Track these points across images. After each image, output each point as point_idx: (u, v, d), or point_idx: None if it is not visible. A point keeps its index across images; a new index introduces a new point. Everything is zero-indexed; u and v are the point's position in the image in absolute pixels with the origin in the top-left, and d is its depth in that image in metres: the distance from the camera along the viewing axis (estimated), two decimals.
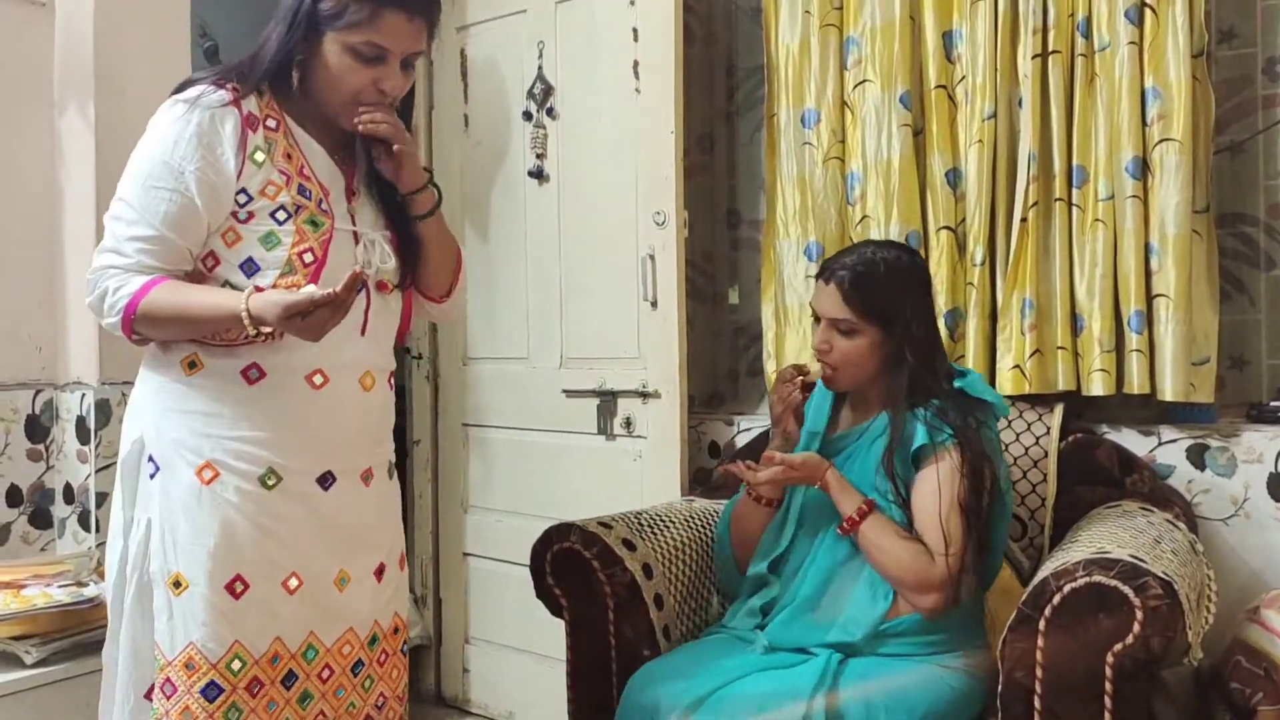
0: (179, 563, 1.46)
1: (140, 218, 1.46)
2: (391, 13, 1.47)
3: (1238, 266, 2.26)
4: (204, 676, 1.44)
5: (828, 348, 1.85)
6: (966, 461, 1.76)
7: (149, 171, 1.46)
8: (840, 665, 1.71)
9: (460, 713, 3.14)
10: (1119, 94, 2.16)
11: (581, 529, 2.03)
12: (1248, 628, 1.90)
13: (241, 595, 1.47)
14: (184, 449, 1.48)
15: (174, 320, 1.45)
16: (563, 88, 2.88)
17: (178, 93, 1.52)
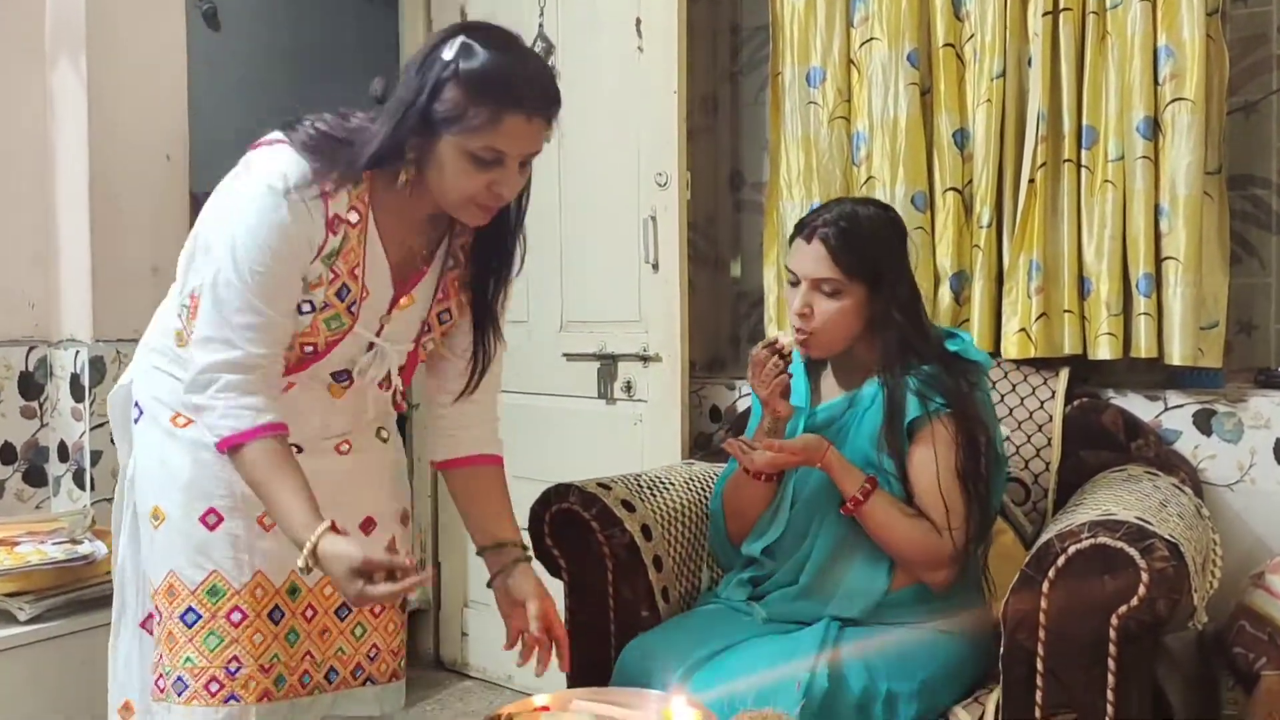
0: (156, 496, 1.50)
1: (246, 301, 1.37)
2: (512, 115, 1.35)
3: (1248, 229, 2.23)
4: (183, 602, 1.47)
5: (809, 311, 1.74)
6: (961, 429, 1.72)
7: (246, 250, 1.36)
8: (839, 632, 1.69)
9: (459, 676, 3.14)
10: (1131, 52, 2.12)
11: (580, 490, 2.01)
12: (1252, 593, 1.89)
13: (216, 527, 1.49)
14: (160, 403, 1.53)
15: (256, 483, 1.40)
16: (564, 46, 2.83)
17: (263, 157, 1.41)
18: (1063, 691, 1.51)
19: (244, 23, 3.58)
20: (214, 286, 1.38)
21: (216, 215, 1.42)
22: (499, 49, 1.36)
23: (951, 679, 1.71)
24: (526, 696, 1.55)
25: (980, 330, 2.29)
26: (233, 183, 1.42)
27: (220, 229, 1.39)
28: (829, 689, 1.55)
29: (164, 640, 1.48)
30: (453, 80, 1.33)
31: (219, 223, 1.40)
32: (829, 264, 1.72)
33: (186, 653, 1.46)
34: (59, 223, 2.59)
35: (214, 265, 1.38)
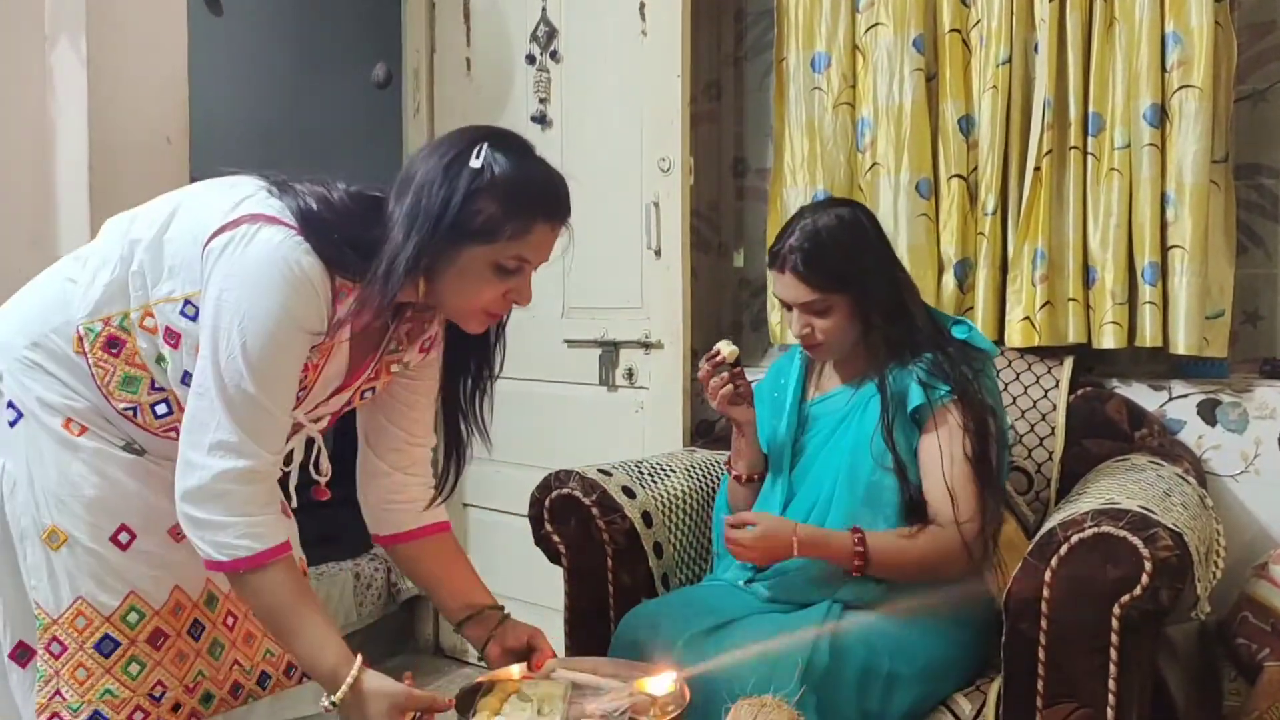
0: (53, 515, 1.34)
1: (260, 405, 1.27)
2: (541, 225, 1.34)
3: (1254, 218, 2.21)
4: (97, 630, 1.35)
5: (810, 330, 1.79)
6: (968, 415, 1.71)
7: (263, 351, 1.26)
8: (842, 612, 1.69)
9: (458, 663, 3.14)
10: (1138, 39, 2.11)
11: (581, 476, 2.01)
12: (1256, 584, 1.88)
13: (129, 546, 1.37)
14: (47, 408, 1.36)
15: (270, 612, 1.29)
16: (567, 31, 2.82)
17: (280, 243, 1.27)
18: (1064, 681, 1.50)
19: (245, 6, 3.56)
20: (225, 388, 1.25)
21: (230, 301, 1.26)
22: (524, 158, 1.33)
23: (954, 665, 1.70)
24: None
25: (984, 318, 2.28)
26: (250, 268, 1.26)
27: (234, 320, 1.25)
28: (829, 664, 1.55)
29: (69, 674, 1.33)
30: (486, 191, 1.28)
31: (233, 313, 1.25)
32: (805, 289, 1.77)
33: (104, 685, 1.34)
34: (58, 205, 2.57)
35: (229, 363, 1.25)
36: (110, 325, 1.35)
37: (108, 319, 1.35)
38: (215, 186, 1.37)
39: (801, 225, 1.78)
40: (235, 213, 1.29)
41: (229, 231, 1.27)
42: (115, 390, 1.36)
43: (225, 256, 1.26)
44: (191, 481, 1.26)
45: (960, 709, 1.66)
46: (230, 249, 1.26)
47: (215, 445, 1.25)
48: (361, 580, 3.05)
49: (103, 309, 1.35)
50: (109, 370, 1.36)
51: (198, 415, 1.27)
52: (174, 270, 1.32)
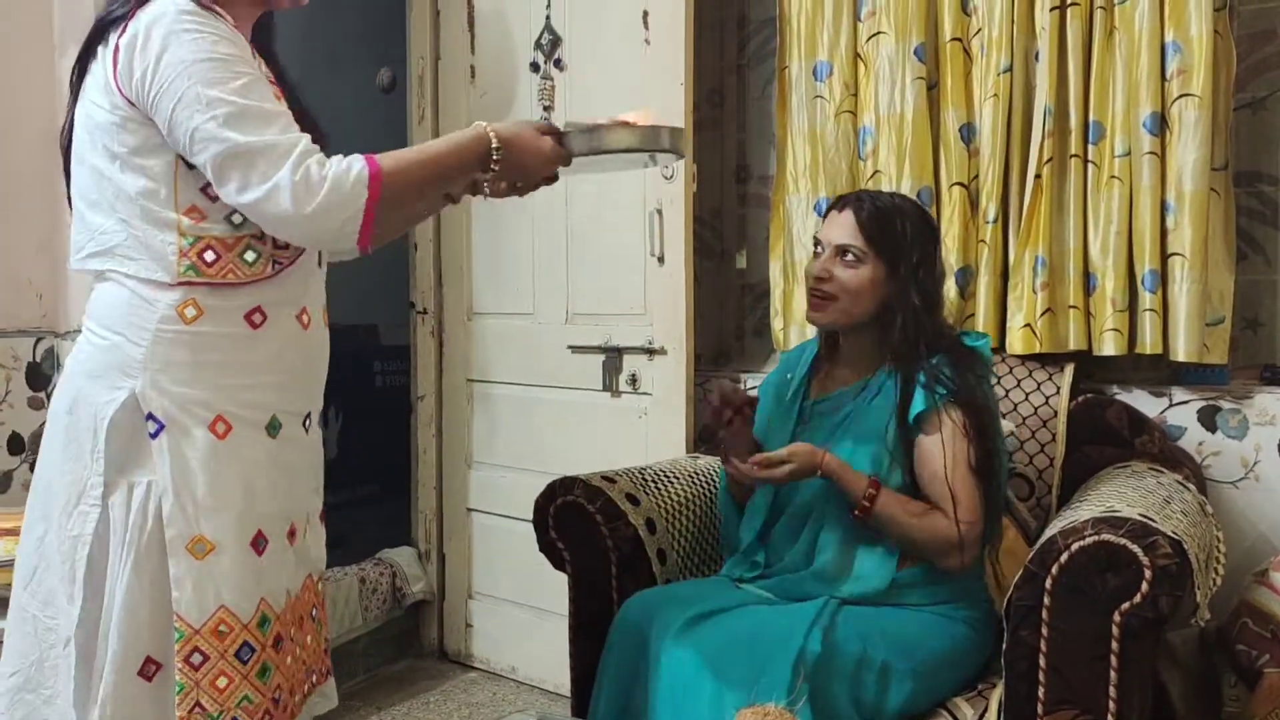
0: (201, 525, 1.36)
1: (268, 112, 1.31)
2: None
3: (1254, 226, 2.22)
4: (237, 639, 1.37)
5: (828, 275, 1.81)
6: (970, 418, 1.74)
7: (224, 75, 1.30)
8: (838, 607, 1.71)
9: (463, 667, 3.15)
10: (1138, 48, 2.12)
11: (585, 483, 2.02)
12: (1255, 590, 1.89)
13: (264, 552, 1.41)
14: (193, 404, 1.37)
15: (418, 170, 1.34)
16: (571, 39, 2.83)
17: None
18: (1065, 687, 1.51)
19: None
20: (226, 117, 1.28)
21: (171, 75, 1.29)
22: None
23: (950, 665, 1.72)
24: (532, 690, 1.56)
25: (985, 325, 2.29)
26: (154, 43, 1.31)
27: (188, 78, 1.29)
28: (821, 654, 1.57)
29: (209, 684, 1.35)
30: None
31: (181, 77, 1.29)
32: (855, 231, 1.80)
33: (243, 692, 1.37)
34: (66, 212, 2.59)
35: (214, 106, 1.28)
36: (188, 254, 1.36)
37: (183, 251, 1.36)
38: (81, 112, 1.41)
39: (880, 192, 1.88)
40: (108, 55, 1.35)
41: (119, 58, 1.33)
42: (245, 269, 1.39)
43: (136, 55, 1.31)
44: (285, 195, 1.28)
45: (962, 714, 1.67)
46: (134, 49, 1.31)
47: (272, 159, 1.28)
48: (367, 585, 3.06)
49: (169, 251, 1.36)
50: (228, 265, 1.38)
51: (227, 170, 1.29)
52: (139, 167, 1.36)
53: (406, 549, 3.26)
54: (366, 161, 1.31)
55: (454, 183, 1.42)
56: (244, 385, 1.41)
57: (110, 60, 1.34)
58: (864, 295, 1.80)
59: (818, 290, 1.82)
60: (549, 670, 2.89)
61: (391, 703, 2.88)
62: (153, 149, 1.35)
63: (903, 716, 1.64)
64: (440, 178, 1.39)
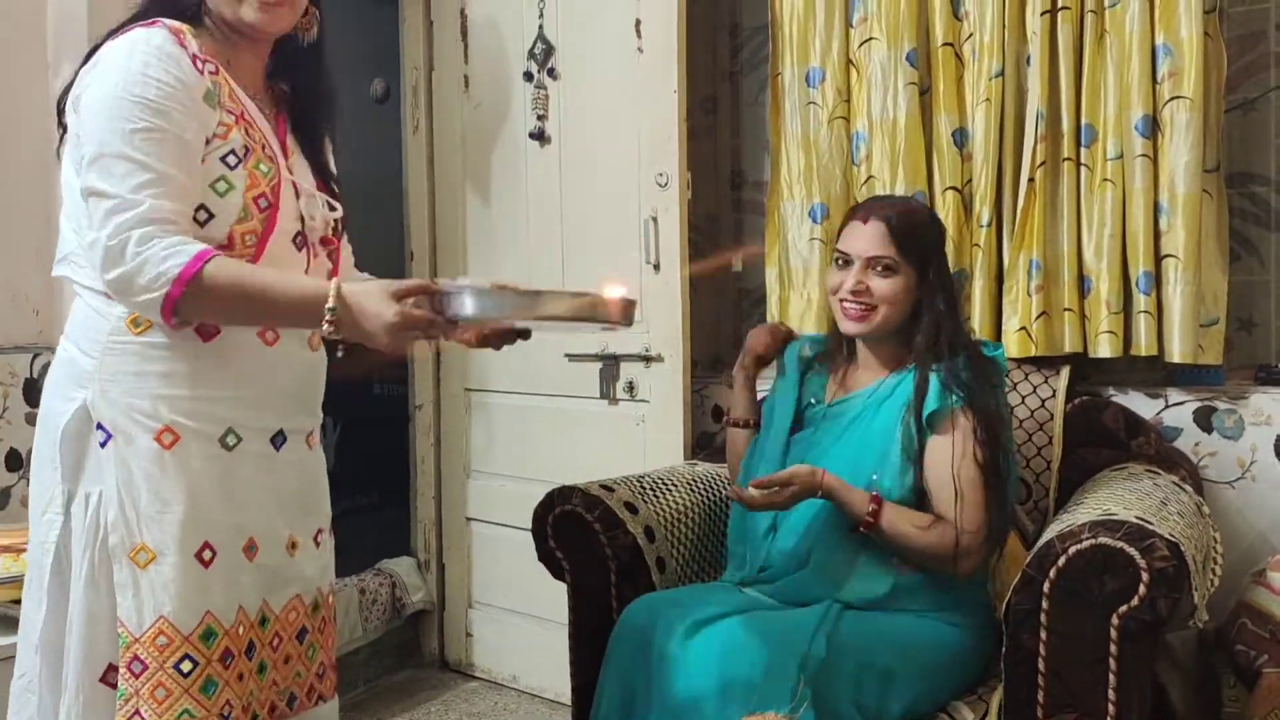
0: (144, 533, 1.37)
1: (139, 164, 1.31)
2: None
3: (1247, 227, 2.23)
4: (177, 650, 1.37)
5: (864, 287, 1.82)
6: (981, 423, 1.74)
7: (126, 115, 1.32)
8: (841, 612, 1.72)
9: (463, 677, 3.15)
10: (1129, 51, 2.13)
11: (583, 492, 2.02)
12: (1253, 590, 1.90)
13: (210, 563, 1.40)
14: (138, 414, 1.38)
15: (237, 297, 1.32)
16: (564, 48, 2.84)
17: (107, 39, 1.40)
18: (1065, 690, 1.52)
19: None
20: (97, 161, 1.31)
21: (87, 112, 1.34)
22: None
23: (952, 670, 1.73)
24: (533, 699, 1.56)
25: (981, 329, 2.30)
26: (90, 75, 1.36)
27: (95, 115, 1.33)
28: (825, 658, 1.57)
29: (149, 694, 1.35)
30: None
31: (92, 112, 1.33)
32: (887, 242, 1.81)
33: (183, 705, 1.36)
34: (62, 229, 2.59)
35: (95, 145, 1.31)
36: None
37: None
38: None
39: (895, 198, 1.91)
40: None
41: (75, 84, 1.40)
42: None
43: (74, 89, 1.38)
44: (101, 250, 1.29)
45: (962, 717, 1.68)
46: (76, 83, 1.39)
47: (105, 215, 1.29)
48: (366, 595, 3.06)
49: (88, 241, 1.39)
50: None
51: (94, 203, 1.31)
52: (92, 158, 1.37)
53: (406, 559, 3.26)
54: (190, 262, 1.29)
55: (282, 324, 1.43)
56: (192, 396, 1.41)
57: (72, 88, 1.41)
58: (901, 303, 1.82)
59: (858, 303, 1.83)
60: (550, 679, 2.89)
61: (392, 713, 2.88)
62: None
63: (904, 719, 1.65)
64: (264, 315, 1.39)
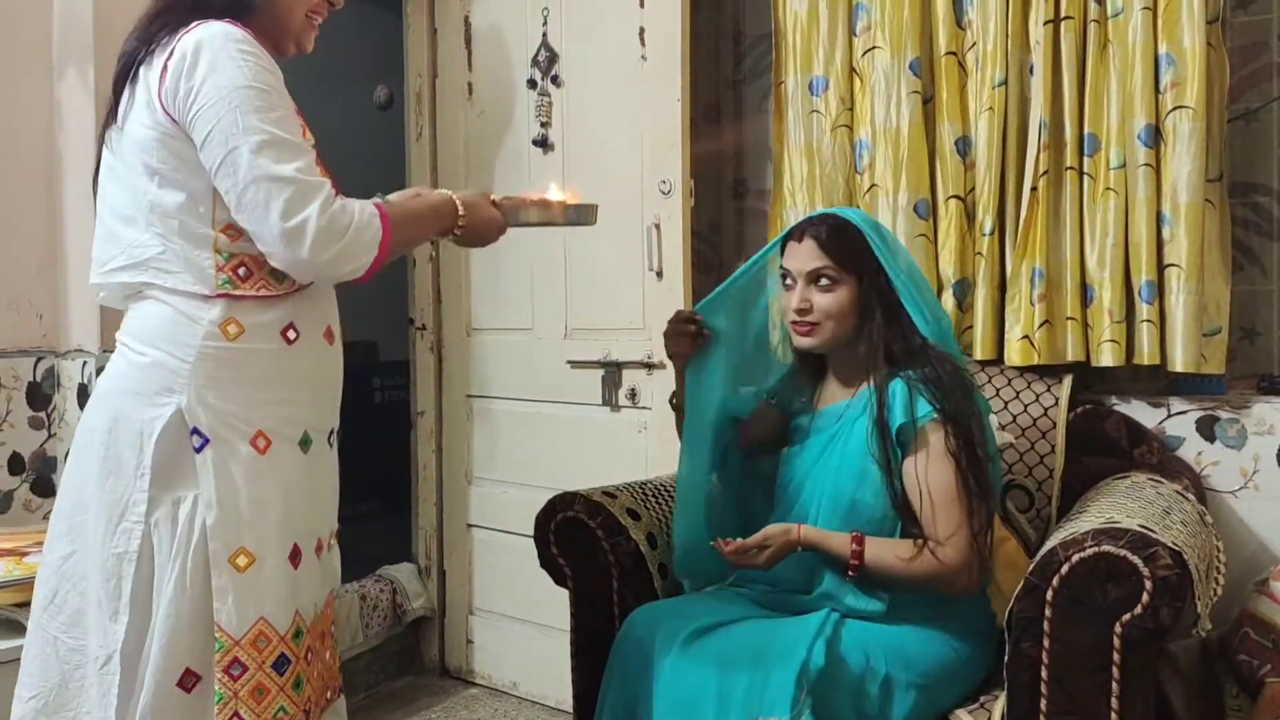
0: (244, 537, 1.40)
1: (297, 146, 1.38)
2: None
3: (1250, 236, 2.23)
4: (275, 650, 1.41)
5: (808, 305, 1.81)
6: (953, 435, 1.71)
7: (266, 104, 1.37)
8: (841, 620, 1.71)
9: (464, 683, 3.15)
10: (1132, 60, 2.13)
11: (585, 498, 2.02)
12: (1256, 600, 1.90)
13: (299, 565, 1.46)
14: (235, 419, 1.41)
15: (405, 227, 1.46)
16: (567, 55, 2.85)
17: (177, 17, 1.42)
18: (1067, 699, 1.51)
19: None
20: (260, 145, 1.34)
21: (212, 99, 1.35)
22: None
23: (953, 677, 1.72)
24: (534, 706, 1.58)
25: (983, 337, 2.30)
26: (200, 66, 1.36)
27: (230, 102, 1.35)
28: (824, 667, 1.57)
29: (248, 695, 1.38)
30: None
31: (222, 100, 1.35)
32: (821, 255, 1.80)
33: (279, 703, 1.40)
34: (66, 232, 2.60)
35: (251, 132, 1.34)
36: (224, 269, 1.42)
37: (219, 266, 1.42)
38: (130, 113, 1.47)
39: (827, 213, 1.89)
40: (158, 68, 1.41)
41: (167, 73, 1.39)
42: (275, 285, 1.45)
43: (180, 81, 1.37)
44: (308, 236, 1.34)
45: None
46: (180, 73, 1.37)
47: (297, 196, 1.34)
48: (368, 601, 3.06)
49: (205, 266, 1.42)
50: (260, 281, 1.44)
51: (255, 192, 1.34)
52: (185, 182, 1.41)
53: (407, 565, 3.26)
54: (378, 212, 1.40)
55: (430, 234, 1.56)
56: (280, 400, 1.46)
57: (156, 79, 1.39)
58: (846, 314, 1.81)
59: (802, 321, 1.82)
60: (551, 686, 2.88)
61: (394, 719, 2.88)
62: (193, 167, 1.40)
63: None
64: (422, 234, 1.54)
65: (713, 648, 1.63)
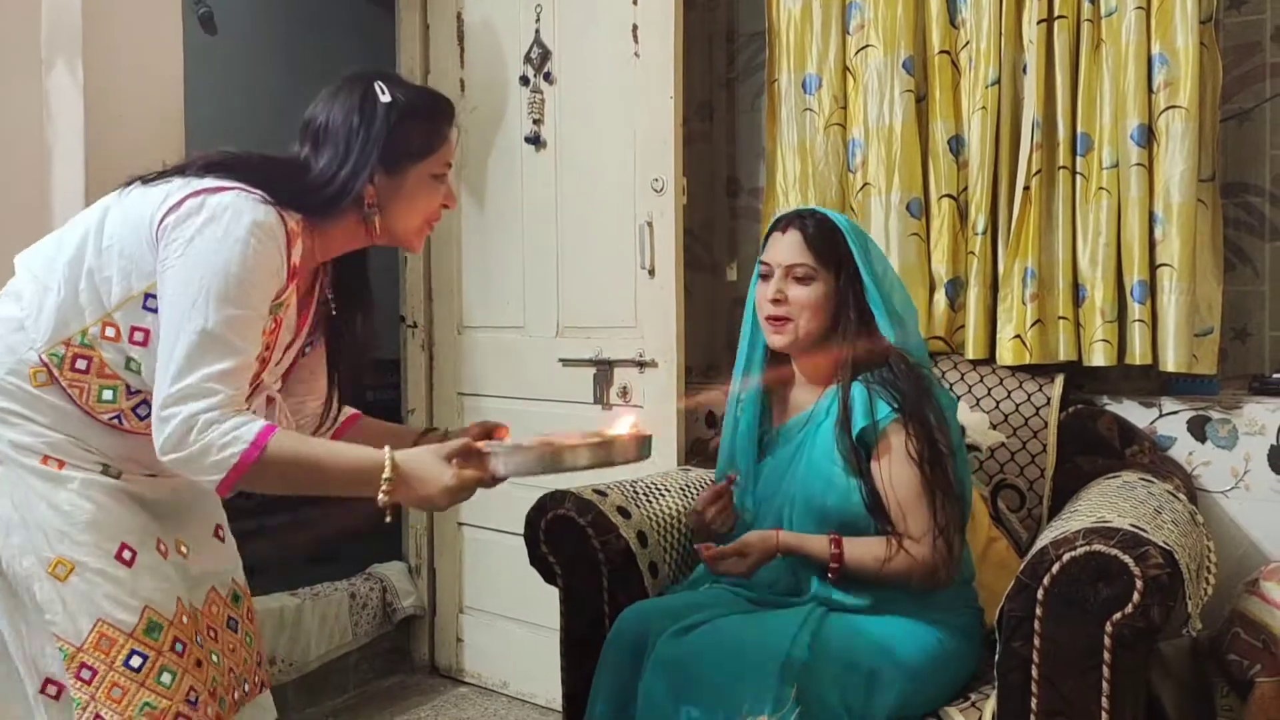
0: (55, 548, 1.37)
1: (232, 350, 1.34)
2: (451, 132, 1.54)
3: (1241, 237, 2.23)
4: (123, 648, 1.38)
5: (783, 297, 1.81)
6: (915, 435, 1.73)
7: (236, 294, 1.34)
8: (825, 613, 1.72)
9: (454, 682, 3.14)
10: (1125, 60, 2.13)
11: (576, 496, 2.01)
12: (1246, 600, 1.90)
13: (133, 562, 1.41)
14: (24, 450, 1.40)
15: (293, 471, 1.35)
16: (560, 52, 2.84)
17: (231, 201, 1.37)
18: (1058, 698, 1.51)
19: (240, 26, 3.58)
20: (199, 333, 1.32)
21: (196, 255, 1.33)
22: (412, 84, 1.54)
23: (939, 670, 1.72)
24: (524, 705, 1.56)
25: (975, 337, 2.30)
26: (207, 229, 1.34)
27: (203, 271, 1.33)
28: (808, 660, 1.57)
29: (105, 696, 1.36)
30: (408, 118, 1.47)
31: (201, 266, 1.33)
32: (803, 250, 1.81)
33: (142, 698, 1.38)
34: (54, 226, 2.57)
35: (200, 315, 1.32)
36: (72, 346, 1.40)
37: (68, 341, 1.40)
38: (136, 190, 1.44)
39: (811, 210, 1.88)
40: (181, 193, 1.37)
41: (181, 206, 1.36)
42: (95, 404, 1.41)
43: (184, 225, 1.34)
44: (165, 431, 1.30)
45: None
46: (187, 218, 1.35)
47: (173, 389, 1.30)
48: (357, 600, 3.04)
49: (60, 333, 1.40)
50: (84, 388, 1.41)
51: (167, 366, 1.32)
52: (124, 271, 1.39)
53: (397, 564, 3.25)
54: (249, 445, 1.31)
55: (340, 492, 1.43)
56: (71, 442, 1.42)
57: (175, 200, 1.37)
58: (820, 311, 1.81)
59: (776, 315, 1.82)
60: (541, 685, 2.87)
61: (382, 718, 2.86)
62: (133, 269, 1.38)
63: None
64: (322, 485, 1.40)
65: (700, 644, 1.63)
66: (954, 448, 1.78)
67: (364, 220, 1.49)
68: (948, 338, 2.38)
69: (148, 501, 1.47)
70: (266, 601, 2.84)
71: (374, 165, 1.45)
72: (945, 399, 1.83)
